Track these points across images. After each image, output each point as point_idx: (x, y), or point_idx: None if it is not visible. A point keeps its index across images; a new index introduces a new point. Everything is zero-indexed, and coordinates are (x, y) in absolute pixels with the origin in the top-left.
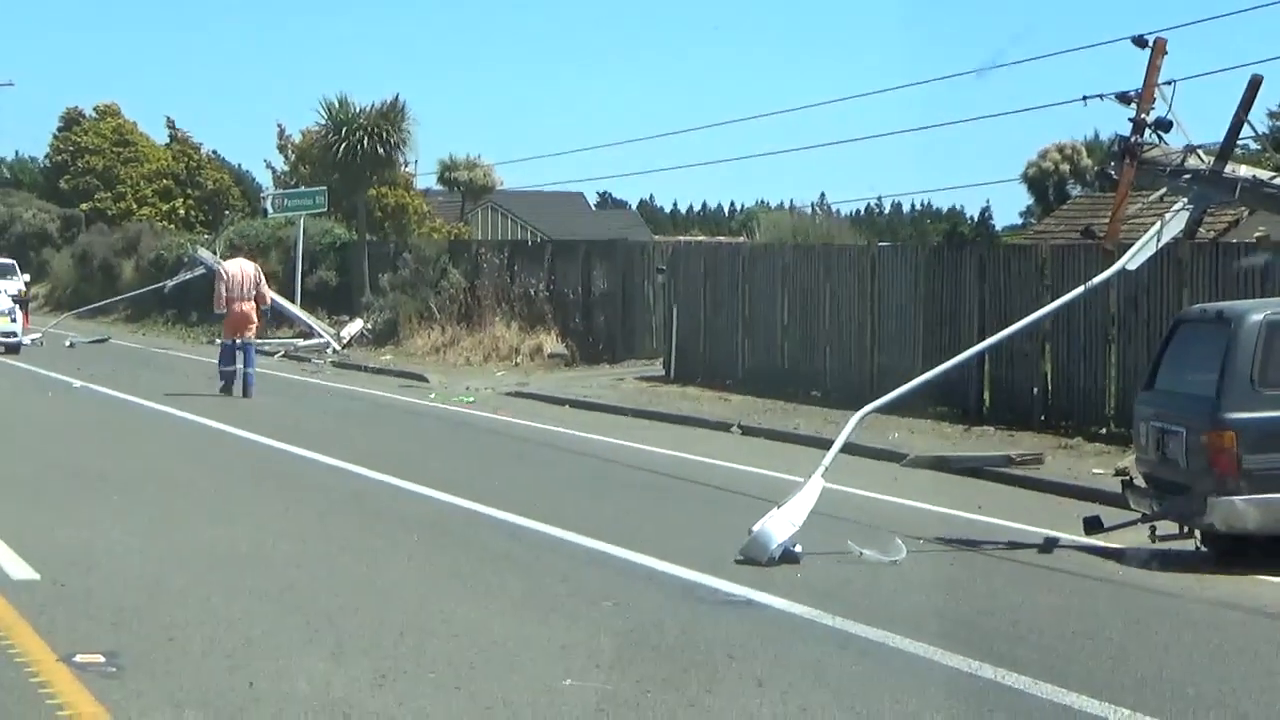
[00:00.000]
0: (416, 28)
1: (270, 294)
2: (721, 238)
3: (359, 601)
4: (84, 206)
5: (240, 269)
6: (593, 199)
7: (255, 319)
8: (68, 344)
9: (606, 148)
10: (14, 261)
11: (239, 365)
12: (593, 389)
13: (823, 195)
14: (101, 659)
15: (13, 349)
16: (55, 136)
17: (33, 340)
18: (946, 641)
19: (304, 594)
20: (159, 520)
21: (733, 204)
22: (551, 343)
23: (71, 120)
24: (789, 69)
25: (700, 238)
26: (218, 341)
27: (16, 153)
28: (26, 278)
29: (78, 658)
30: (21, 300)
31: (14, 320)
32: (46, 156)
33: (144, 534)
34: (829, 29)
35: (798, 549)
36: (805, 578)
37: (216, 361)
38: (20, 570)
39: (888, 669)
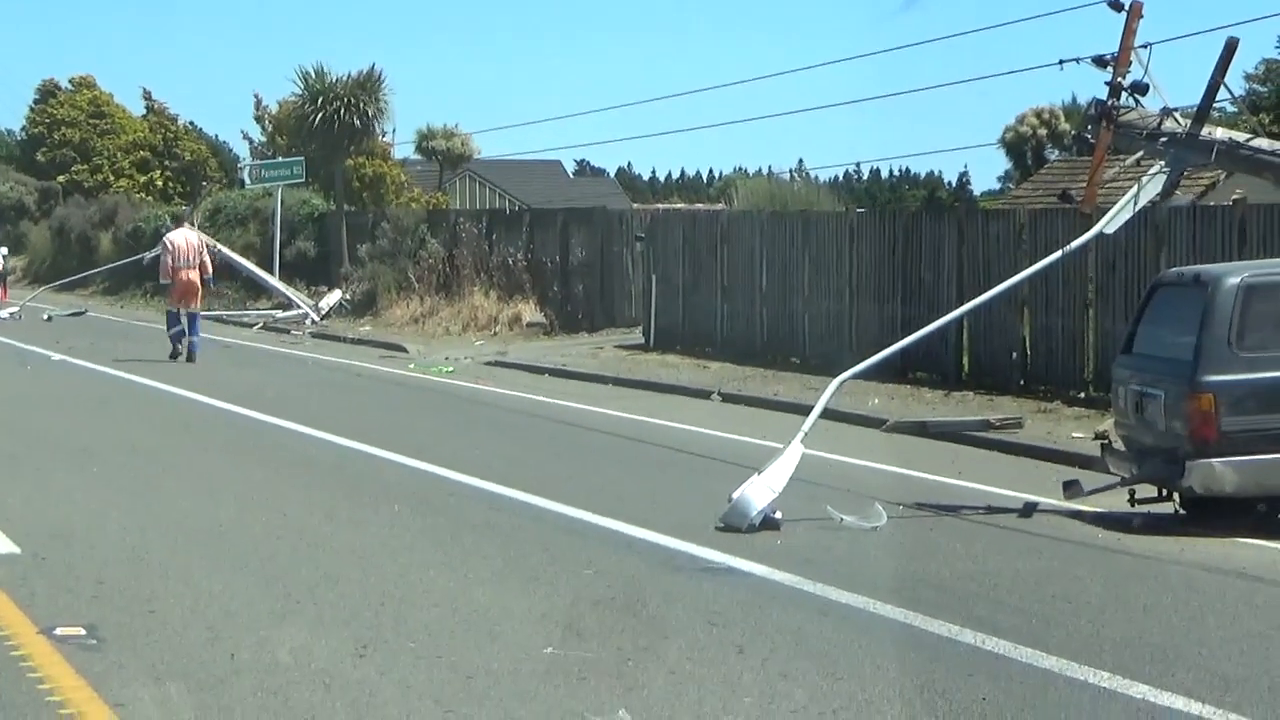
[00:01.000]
0: None
1: (210, 264)
2: (700, 205)
3: (340, 572)
4: (61, 179)
5: (185, 239)
6: (570, 167)
7: (199, 287)
8: (45, 317)
9: (584, 115)
10: None
11: (185, 332)
12: (572, 358)
13: (801, 161)
14: (82, 632)
15: None
16: (31, 109)
17: (10, 314)
18: (927, 607)
19: (284, 565)
20: (139, 492)
21: (711, 171)
22: (530, 312)
23: (47, 93)
24: (766, 35)
25: (679, 205)
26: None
27: None
28: (4, 251)
29: (58, 630)
30: (0, 274)
31: None
32: (22, 129)
33: (124, 506)
34: None
35: (778, 515)
36: (785, 544)
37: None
38: (0, 544)
39: (869, 635)
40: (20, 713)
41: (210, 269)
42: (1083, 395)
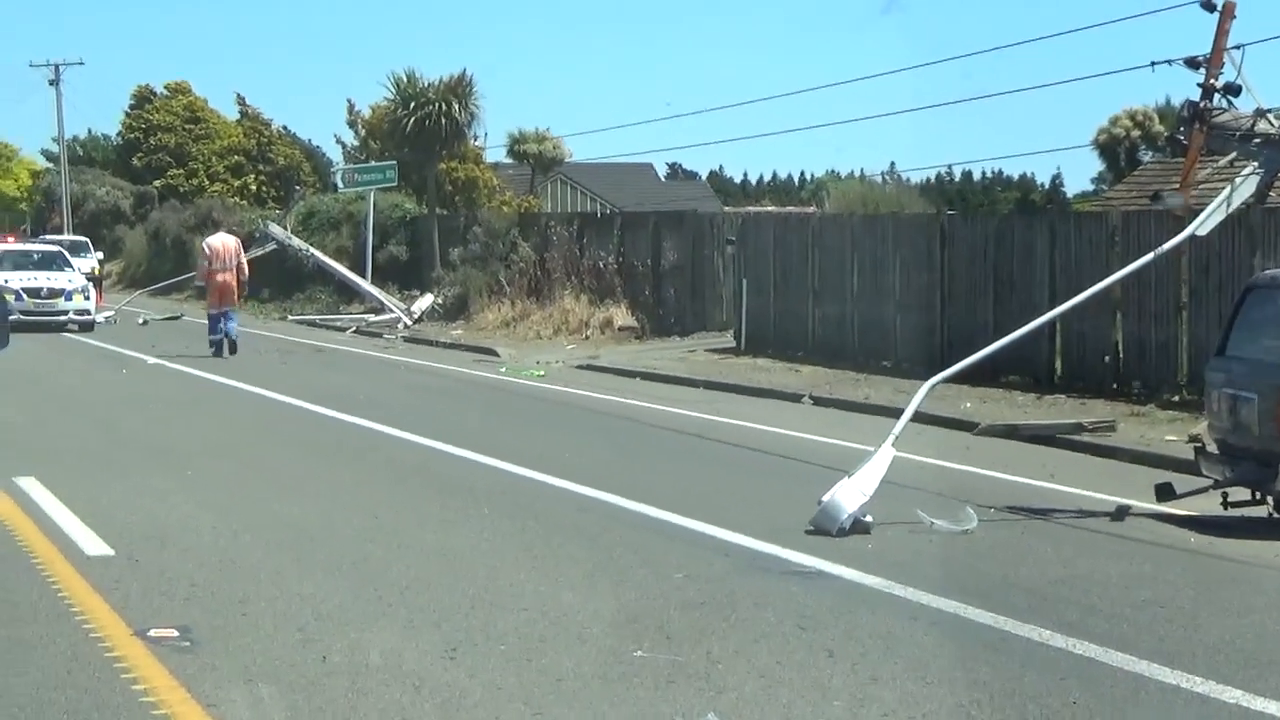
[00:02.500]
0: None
1: (246, 266)
2: (791, 208)
3: (430, 574)
4: (156, 183)
5: (222, 243)
6: (662, 170)
7: (235, 288)
8: (141, 321)
9: (676, 118)
10: (88, 239)
11: (223, 329)
12: (663, 361)
13: (893, 164)
14: (175, 633)
15: (86, 327)
16: (127, 114)
17: (106, 318)
18: (1018, 611)
19: (375, 567)
20: (231, 494)
21: (803, 174)
22: (621, 315)
23: (143, 98)
24: (859, 36)
25: (770, 208)
26: (289, 318)
27: (89, 130)
28: (100, 255)
29: (152, 632)
30: (95, 278)
31: (88, 298)
32: (119, 134)
33: (216, 508)
34: None
35: (868, 519)
36: (876, 548)
37: (207, 330)
38: (95, 545)
39: (959, 639)
40: (115, 714)
41: (246, 271)
42: (1176, 398)
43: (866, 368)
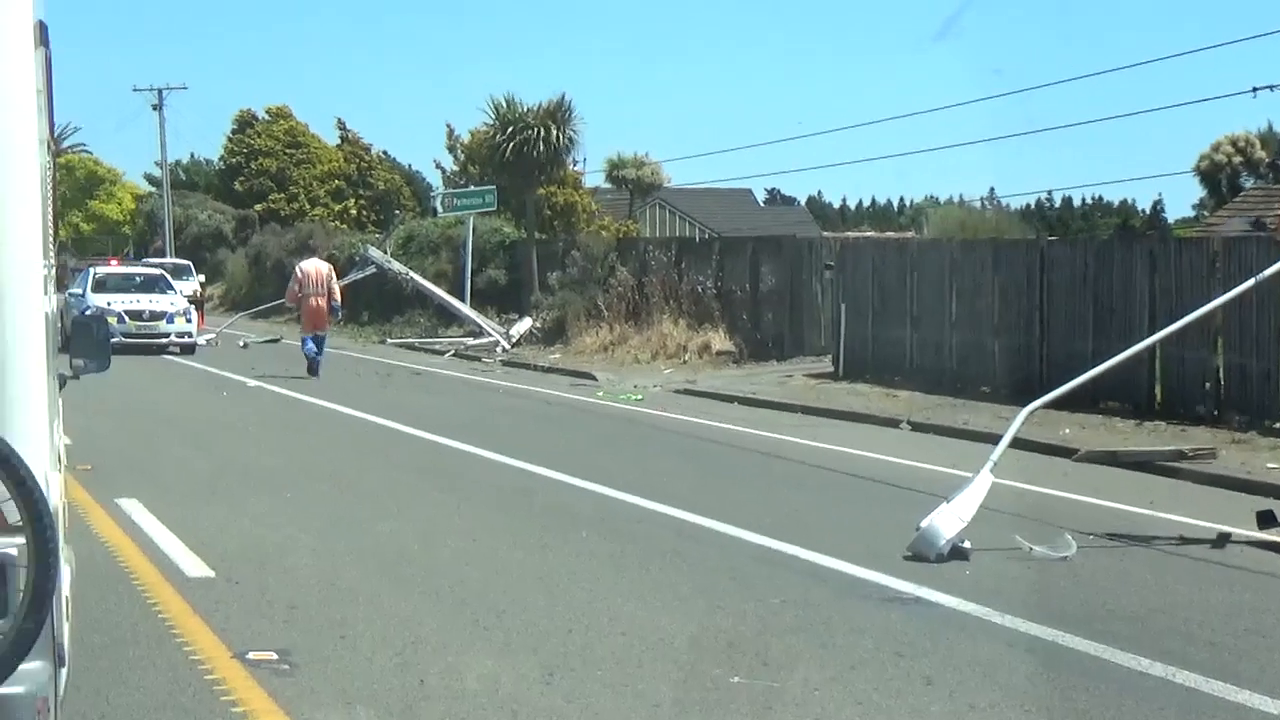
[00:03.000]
0: (583, 25)
1: (338, 291)
2: (890, 233)
3: (527, 598)
4: (258, 207)
5: (315, 268)
6: (761, 195)
7: (326, 313)
8: (241, 344)
9: (775, 144)
10: (189, 262)
11: (313, 350)
12: (761, 386)
13: (992, 189)
14: (274, 656)
15: (188, 349)
16: (229, 139)
17: (207, 341)
18: (1117, 639)
19: (473, 590)
20: (330, 517)
21: (902, 199)
22: (719, 340)
23: (245, 122)
24: (956, 61)
25: (869, 233)
26: (388, 341)
27: (192, 155)
28: (201, 278)
29: (251, 655)
30: (197, 301)
31: (189, 321)
32: (221, 159)
33: (316, 530)
34: (996, 24)
35: (966, 545)
36: (974, 574)
37: (302, 350)
38: (196, 567)
39: (1058, 667)
40: None
41: (338, 296)
42: (1278, 425)
43: (965, 393)
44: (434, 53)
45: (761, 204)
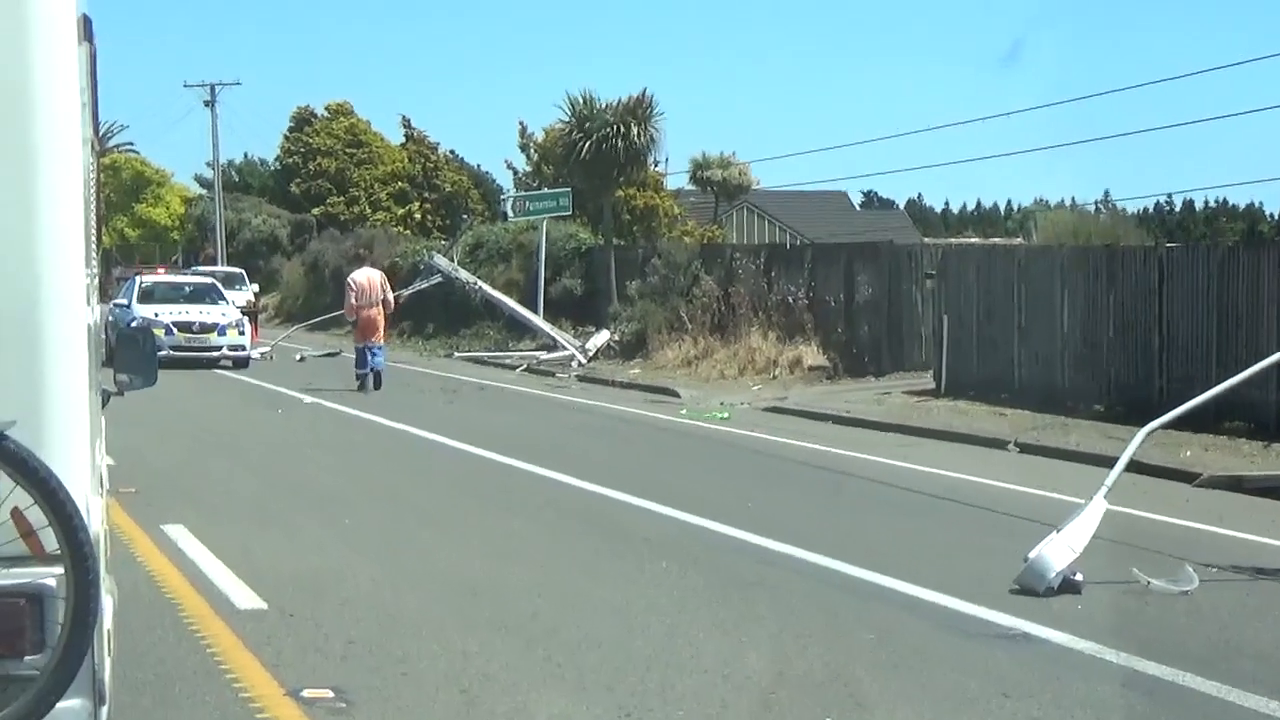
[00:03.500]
0: (664, 17)
1: (392, 300)
2: (996, 239)
3: (602, 633)
4: (315, 211)
5: (368, 278)
6: (857, 198)
7: (380, 323)
8: (298, 358)
9: (871, 143)
10: (242, 270)
11: (370, 363)
12: (856, 404)
13: (1107, 193)
14: (330, 694)
15: (241, 363)
16: (285, 137)
17: (262, 354)
18: (1243, 679)
19: (544, 624)
20: (391, 544)
21: (1009, 203)
22: (812, 354)
23: (302, 120)
24: (1067, 56)
25: (973, 240)
26: (455, 355)
27: (245, 155)
28: (255, 288)
29: (305, 693)
30: (250, 312)
31: (242, 333)
32: (276, 159)
33: (375, 558)
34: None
35: (1078, 577)
36: (1086, 609)
37: (353, 365)
38: (247, 599)
39: (1177, 709)
40: None
41: (392, 305)
42: None
43: (1076, 412)
44: (505, 47)
45: (857, 207)
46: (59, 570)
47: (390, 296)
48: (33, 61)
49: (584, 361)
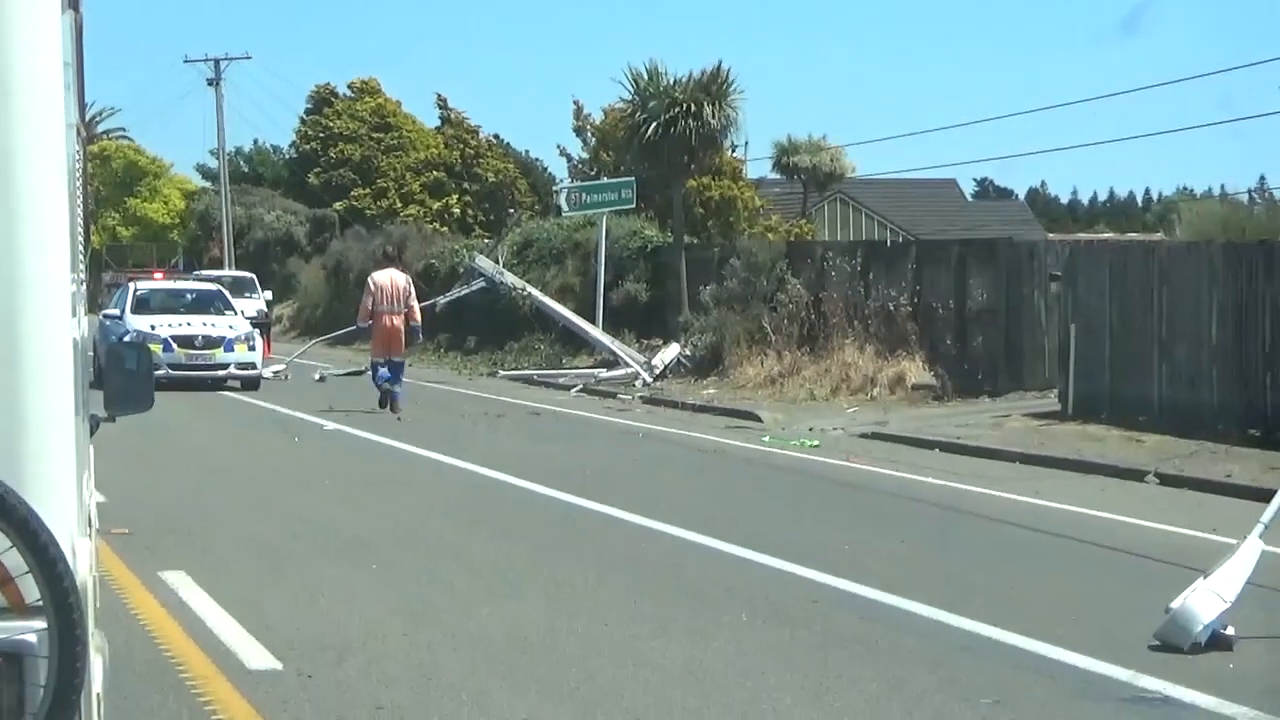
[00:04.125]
0: None
1: (417, 308)
2: (1133, 235)
3: (673, 696)
4: (337, 206)
5: (390, 280)
6: (969, 187)
7: (403, 334)
8: (317, 377)
9: (985, 123)
10: (253, 275)
11: (387, 381)
12: (969, 428)
13: (1262, 179)
14: None
15: (251, 383)
16: (303, 121)
17: (275, 373)
18: None
19: (605, 687)
20: (427, 595)
21: (1147, 192)
22: (916, 371)
23: (322, 100)
24: (1214, 24)
25: (1106, 235)
26: (500, 373)
27: (256, 142)
28: (268, 295)
29: None
30: (262, 323)
31: (253, 348)
32: (292, 145)
33: (409, 612)
34: None
35: (1229, 631)
36: (1239, 668)
37: (371, 379)
38: (259, 658)
39: None
40: None
41: (417, 315)
42: None
43: (1228, 438)
44: (557, 14)
45: (969, 198)
46: (40, 624)
47: (416, 304)
48: (7, 32)
49: (650, 380)
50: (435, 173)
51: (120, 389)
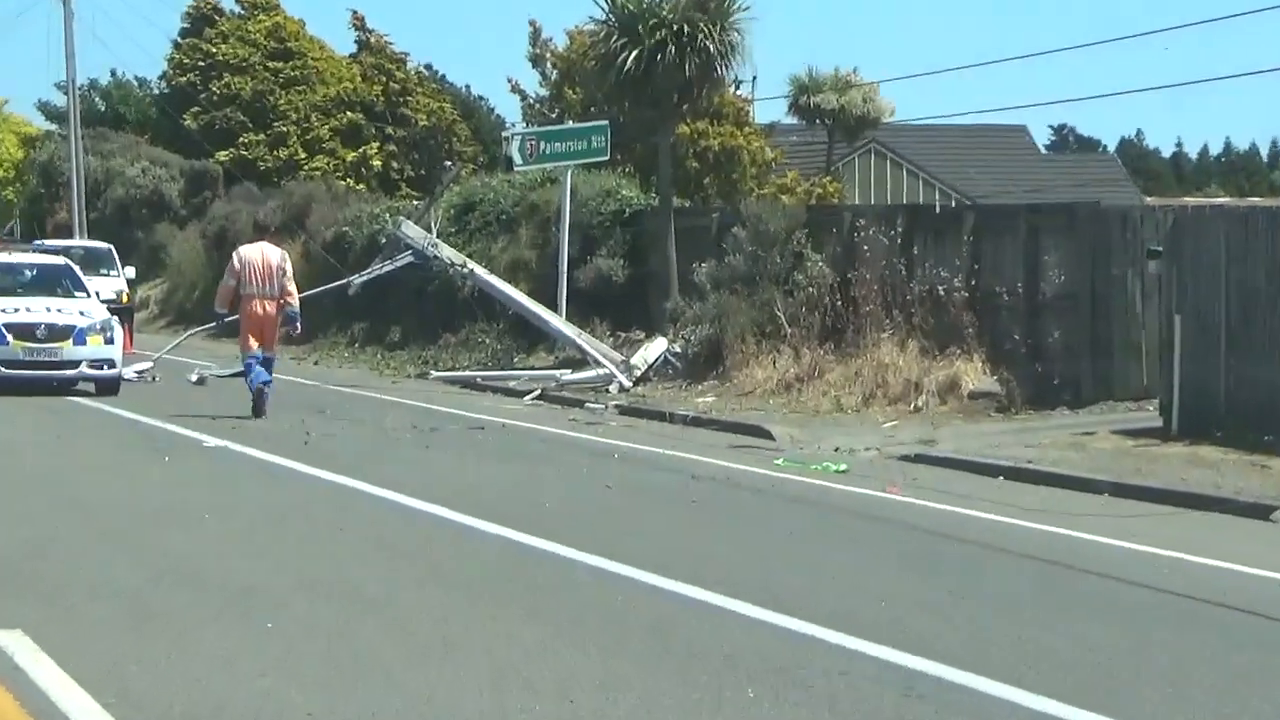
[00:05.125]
0: None
1: (296, 292)
2: (1255, 199)
3: None
4: (222, 157)
5: (262, 256)
6: (1042, 136)
7: (276, 325)
8: (195, 379)
9: (1064, 53)
10: (111, 246)
11: (252, 380)
12: (1042, 449)
13: None
14: None
15: (108, 387)
16: (177, 46)
17: (140, 373)
18: None
19: None
20: (339, 660)
21: (1275, 145)
22: (973, 374)
23: (203, 19)
24: None
25: (1221, 199)
26: (432, 374)
27: (116, 73)
28: (130, 272)
29: None
30: (123, 309)
31: (110, 341)
32: (163, 78)
33: (314, 681)
34: None
35: None
36: None
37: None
38: None
39: None
40: None
41: (295, 298)
42: None
43: None
44: None
45: (1043, 149)
46: None
47: (293, 286)
48: None
49: (628, 385)
50: (350, 114)
51: None
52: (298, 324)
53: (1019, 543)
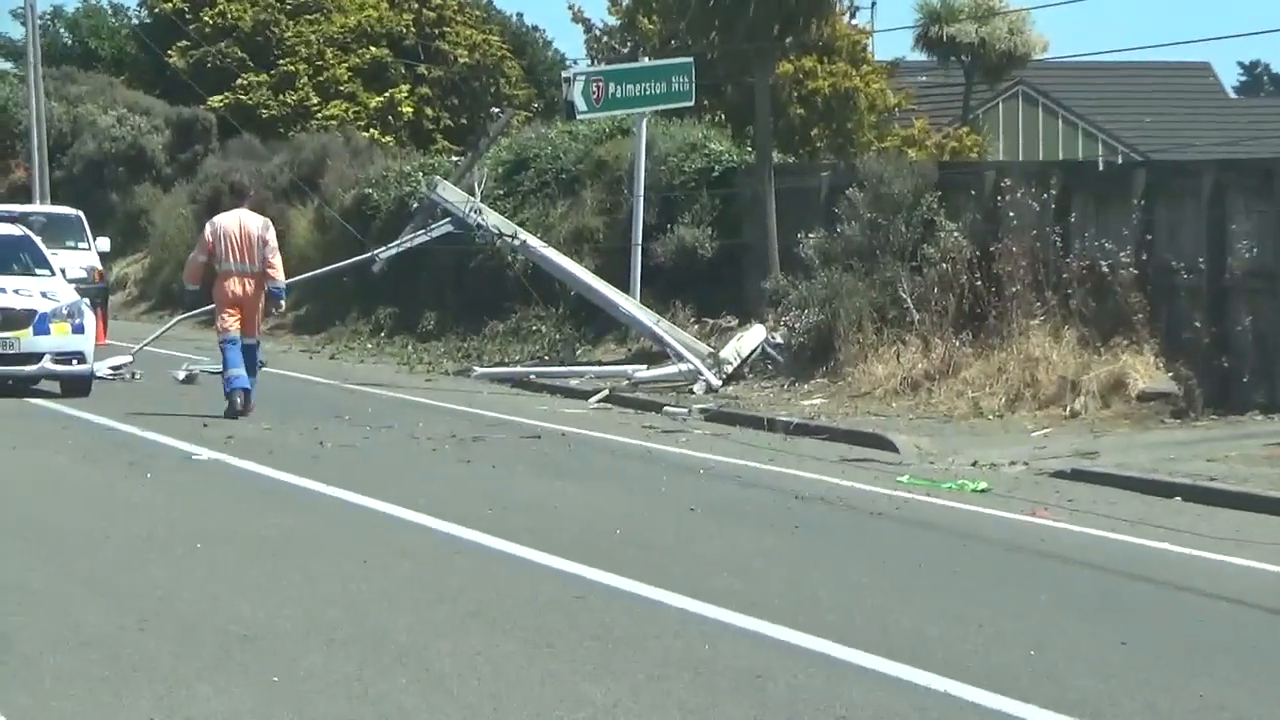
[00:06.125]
0: None
1: (280, 265)
2: None
3: None
4: (216, 102)
5: (240, 225)
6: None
7: (259, 305)
8: (182, 375)
9: None
10: (80, 213)
11: (232, 376)
12: (1230, 465)
13: None
14: None
15: (77, 386)
16: None
17: (116, 369)
18: None
19: None
20: None
21: None
22: (1143, 370)
23: None
24: None
25: None
26: (475, 371)
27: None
28: (104, 245)
29: None
30: (95, 289)
31: (80, 329)
32: (143, 4)
33: None
34: None
35: None
36: None
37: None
38: None
39: None
40: None
41: (279, 274)
42: None
43: None
44: None
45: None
46: None
47: (277, 258)
48: None
49: (717, 385)
50: (374, 49)
51: None
52: (282, 302)
53: (1208, 581)
